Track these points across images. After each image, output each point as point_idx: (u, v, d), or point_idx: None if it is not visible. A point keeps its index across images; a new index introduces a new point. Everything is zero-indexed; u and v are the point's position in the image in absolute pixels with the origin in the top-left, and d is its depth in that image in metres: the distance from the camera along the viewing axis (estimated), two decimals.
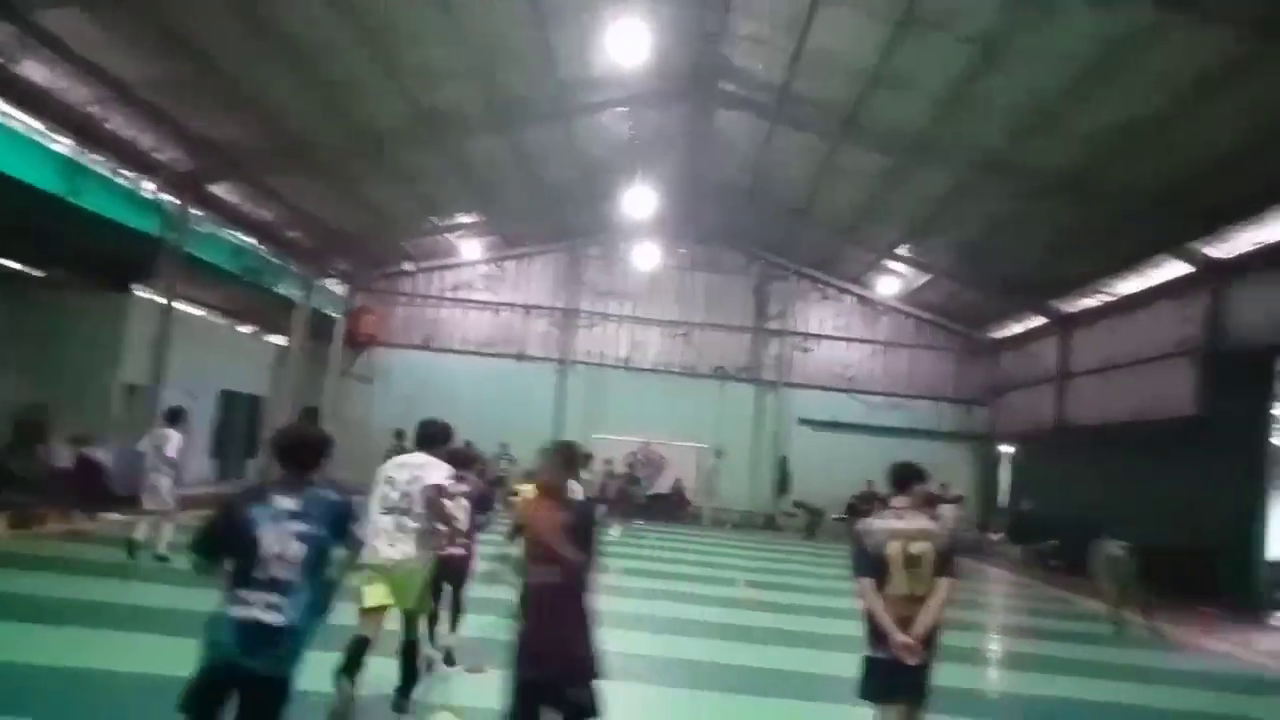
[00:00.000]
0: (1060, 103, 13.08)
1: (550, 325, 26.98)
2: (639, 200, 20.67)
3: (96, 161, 14.45)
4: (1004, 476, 26.32)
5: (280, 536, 3.72)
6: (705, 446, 26.06)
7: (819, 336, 27.47)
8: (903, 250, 22.93)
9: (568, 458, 4.84)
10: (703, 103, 18.04)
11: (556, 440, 5.10)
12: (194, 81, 13.44)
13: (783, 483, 26.84)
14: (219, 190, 17.74)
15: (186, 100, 14.03)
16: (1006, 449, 26.10)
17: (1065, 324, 22.26)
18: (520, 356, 26.74)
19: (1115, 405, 19.64)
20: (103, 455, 15.52)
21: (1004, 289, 22.48)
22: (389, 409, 25.18)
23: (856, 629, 4.99)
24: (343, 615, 4.66)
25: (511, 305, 26.91)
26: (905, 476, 5.13)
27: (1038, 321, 23.66)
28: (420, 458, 6.07)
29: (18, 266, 17.36)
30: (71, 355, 16.90)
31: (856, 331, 27.52)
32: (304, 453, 4.06)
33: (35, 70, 12.35)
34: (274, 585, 3.67)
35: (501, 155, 18.83)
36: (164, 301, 17.14)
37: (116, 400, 17.15)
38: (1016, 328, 25.27)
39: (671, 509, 25.72)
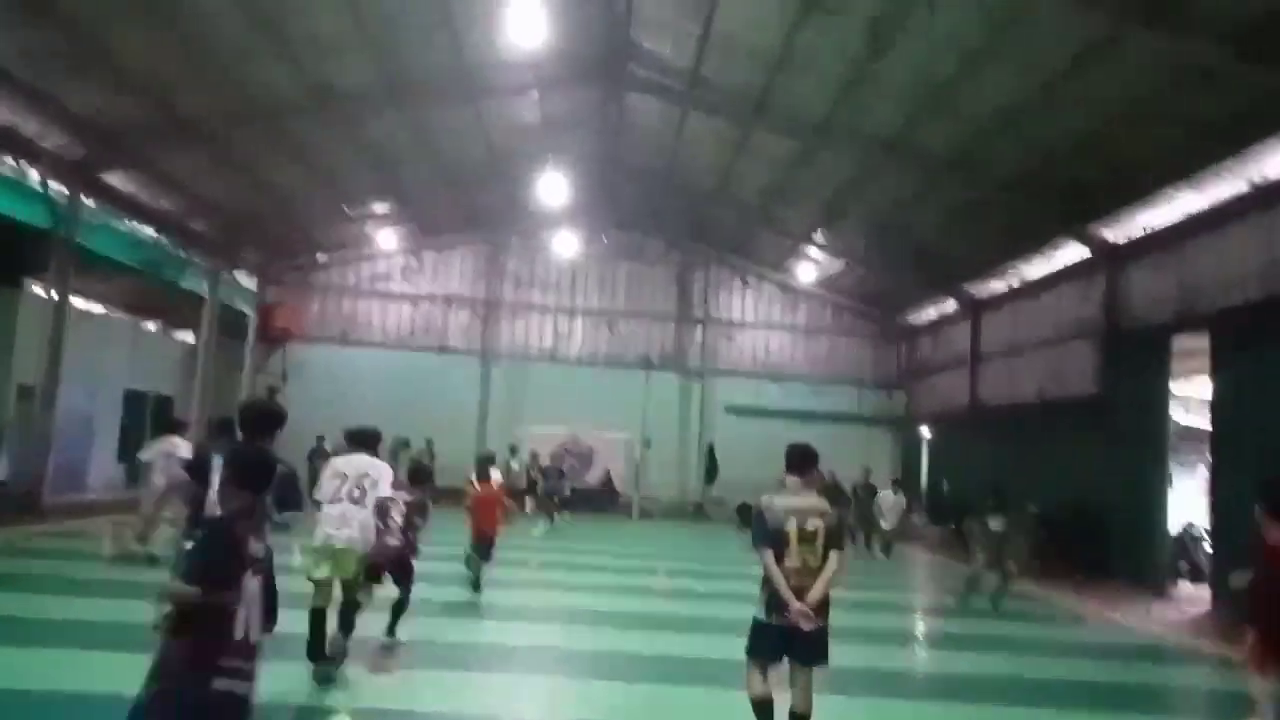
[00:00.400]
0: (951, 84, 13.32)
1: (472, 317, 26.62)
2: (555, 187, 20.56)
3: None
4: (925, 459, 26.87)
5: None
6: (633, 437, 26.00)
7: (741, 324, 27.66)
8: (818, 236, 23.19)
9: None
10: (613, 87, 17.95)
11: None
12: (70, 54, 12.79)
13: (711, 471, 26.94)
14: (113, 179, 16.97)
15: (65, 76, 13.34)
16: (926, 432, 26.65)
17: (976, 308, 22.78)
18: (442, 349, 26.33)
19: (1023, 386, 20.18)
20: None
21: (915, 273, 22.90)
22: (306, 406, 24.53)
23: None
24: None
25: (431, 297, 26.48)
26: (802, 458, 5.51)
27: (951, 306, 24.19)
28: (365, 459, 6.94)
29: None
30: None
31: (777, 318, 27.79)
32: (266, 422, 5.25)
33: None
34: None
35: (405, 137, 18.43)
36: (57, 297, 16.32)
37: (11, 401, 16.33)
38: (932, 312, 25.79)
39: (601, 501, 25.62)
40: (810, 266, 25.52)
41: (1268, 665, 5.24)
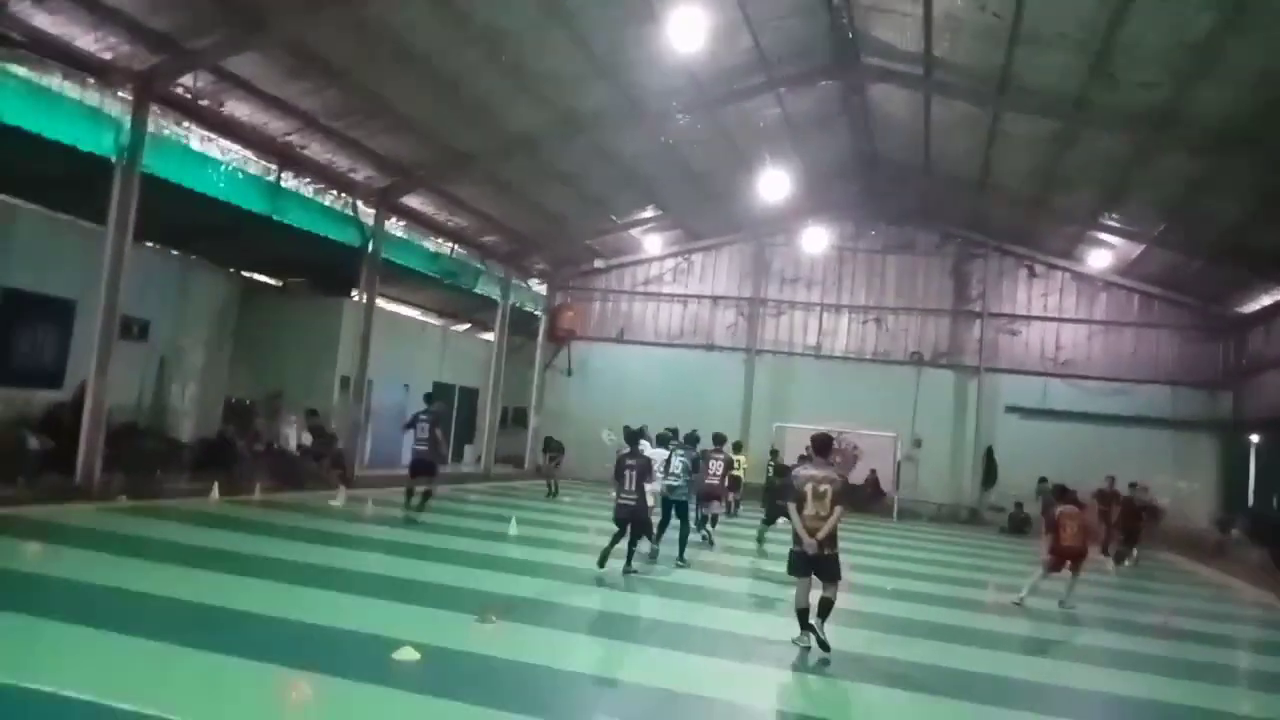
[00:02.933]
0: (1215, 41, 11.55)
1: (738, 315, 27.30)
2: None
3: (299, 182, 16.92)
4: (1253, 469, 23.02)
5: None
6: (900, 436, 25.14)
7: (1027, 317, 25.55)
8: (1109, 219, 20.84)
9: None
10: (851, 79, 17.62)
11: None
12: (362, 108, 15.39)
13: (989, 474, 25.29)
14: (413, 202, 19.95)
15: (361, 125, 16.05)
16: (1255, 438, 22.81)
17: None
18: (709, 347, 27.31)
19: None
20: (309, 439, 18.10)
21: (1233, 256, 19.75)
22: (587, 399, 26.87)
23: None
24: None
25: (699, 297, 27.55)
26: (821, 444, 8.12)
27: None
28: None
29: (260, 278, 20.63)
30: (299, 352, 19.79)
31: (1070, 311, 25.30)
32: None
33: (238, 108, 14.78)
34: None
35: (653, 150, 19.51)
36: (365, 303, 19.49)
37: (335, 390, 19.82)
38: (1266, 300, 22.01)
39: (864, 500, 25.10)
40: (1104, 253, 22.96)
41: None
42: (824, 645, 7.33)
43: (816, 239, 24.12)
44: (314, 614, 7.24)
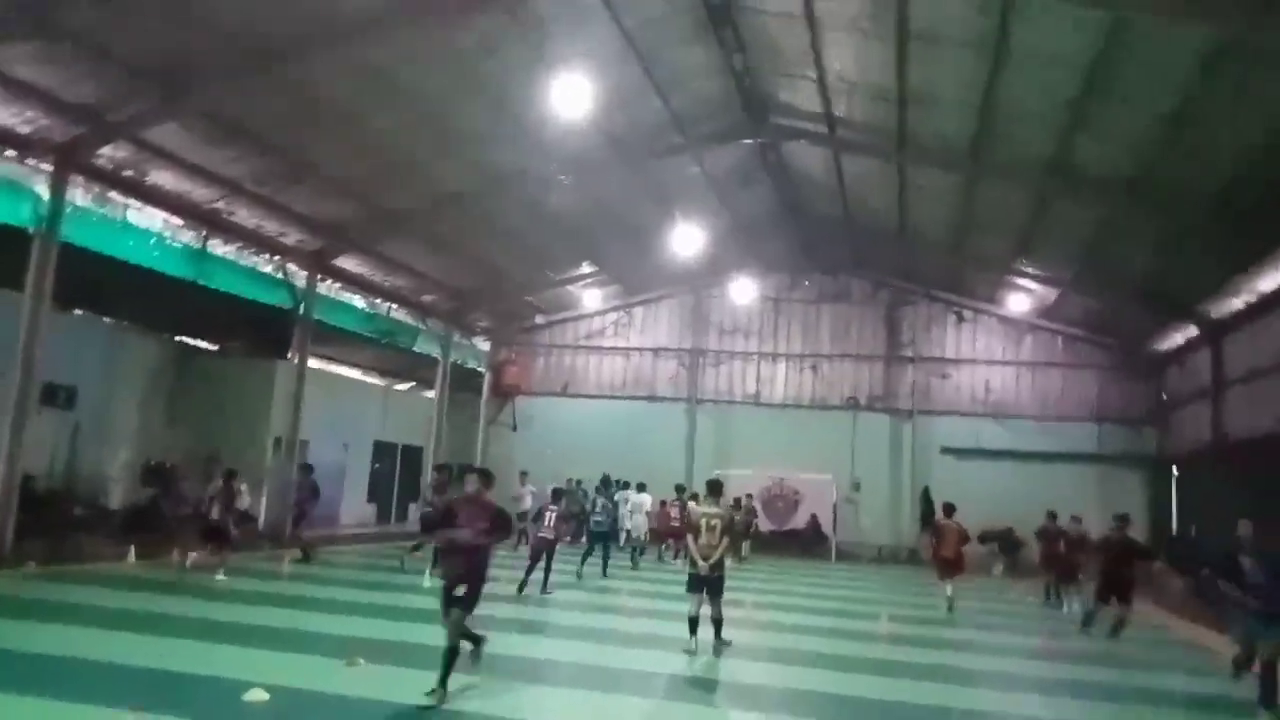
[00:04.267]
0: (1086, 101, 12.37)
1: (679, 366, 27.79)
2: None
3: (230, 247, 17.24)
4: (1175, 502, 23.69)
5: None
6: (839, 480, 25.57)
7: (957, 361, 26.32)
8: (1024, 265, 21.70)
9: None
10: (764, 137, 18.39)
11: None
12: (286, 172, 15.81)
13: (926, 515, 25.71)
14: (347, 263, 20.30)
15: (288, 190, 16.45)
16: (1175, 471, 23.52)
17: (1215, 331, 20.01)
18: (651, 398, 27.72)
19: (1271, 415, 17.42)
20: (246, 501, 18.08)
21: (1142, 297, 20.62)
22: (533, 452, 27.05)
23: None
24: None
25: (640, 349, 28.05)
26: (712, 487, 10.21)
27: (1194, 331, 21.39)
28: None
29: (192, 341, 20.78)
30: (234, 413, 19.87)
31: (997, 354, 26.11)
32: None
33: (162, 177, 15.12)
34: None
35: (586, 206, 20.12)
36: (302, 365, 19.70)
37: (269, 450, 19.87)
38: (1179, 339, 22.90)
39: (807, 544, 25.43)
40: (1024, 297, 23.83)
41: None
42: (719, 646, 9.59)
43: (746, 291, 24.82)
44: (177, 662, 7.40)
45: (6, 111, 12.48)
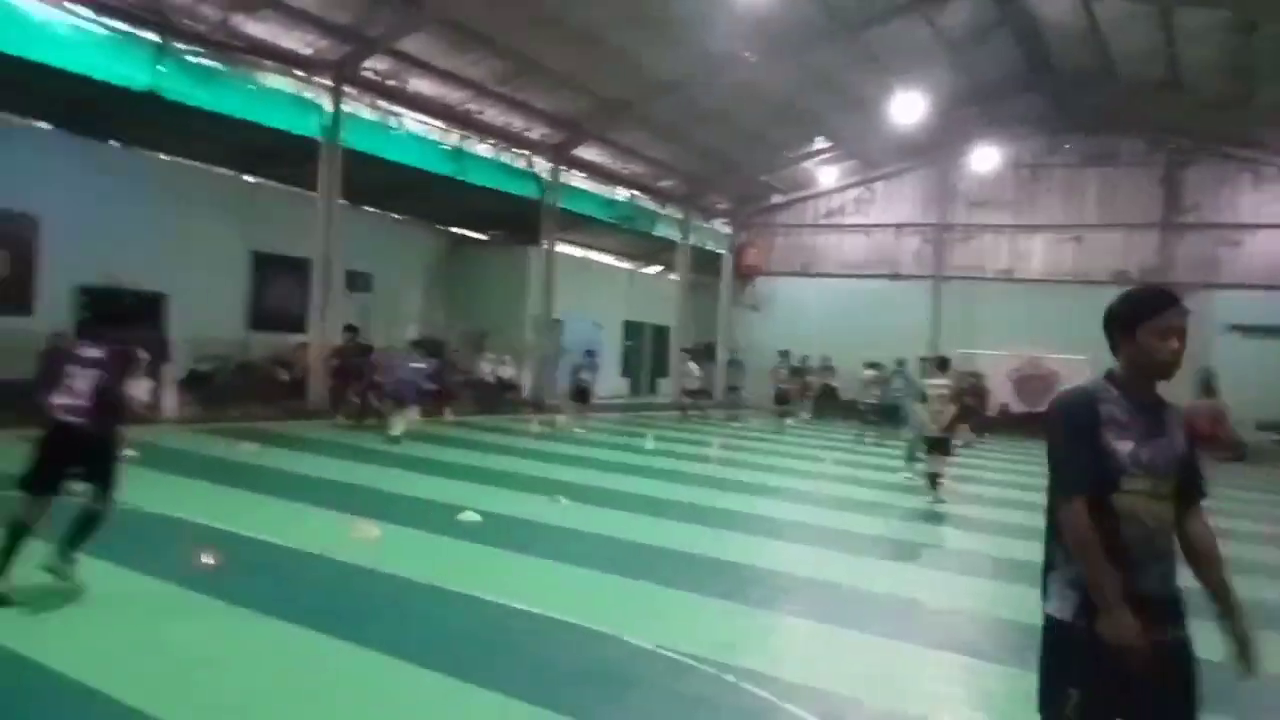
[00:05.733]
0: None
1: (923, 242, 26.84)
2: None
3: (481, 145, 19.17)
4: None
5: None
6: (1097, 360, 23.78)
7: (1252, 226, 23.12)
8: None
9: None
10: None
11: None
12: (523, 71, 17.22)
13: (1207, 398, 23.38)
14: (587, 154, 21.71)
15: (525, 88, 17.91)
16: None
17: None
18: (894, 275, 27.10)
19: None
20: (510, 372, 20.58)
21: None
22: (773, 332, 27.73)
23: None
24: None
25: (883, 225, 27.33)
26: (942, 362, 11.85)
27: None
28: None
29: (461, 231, 23.42)
30: (497, 295, 22.38)
31: None
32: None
33: (421, 85, 17.09)
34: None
35: (809, 82, 19.82)
36: (551, 250, 21.61)
37: (526, 328, 22.25)
38: None
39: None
40: None
41: None
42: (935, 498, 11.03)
43: (989, 158, 23.35)
44: (421, 490, 9.28)
45: (290, 37, 14.75)
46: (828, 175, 26.69)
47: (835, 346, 25.59)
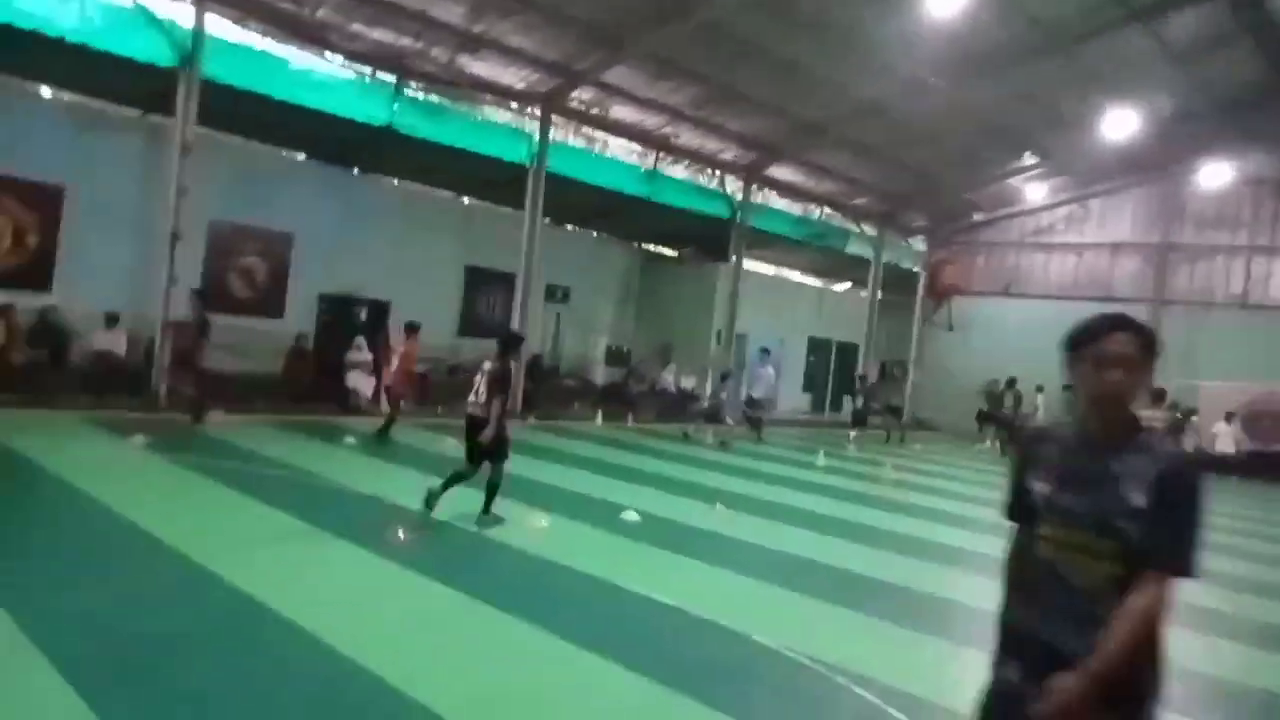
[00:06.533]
0: None
1: (1143, 263, 25.03)
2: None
3: (675, 167, 20.06)
4: None
5: None
6: None
7: None
8: None
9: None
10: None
11: None
12: (719, 98, 17.93)
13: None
14: (779, 173, 22.08)
15: (720, 113, 18.59)
16: None
17: None
18: (1107, 298, 25.38)
19: None
20: (688, 383, 21.30)
21: None
22: (968, 354, 26.78)
23: None
24: None
25: (1097, 245, 25.73)
26: (1159, 394, 12.43)
27: None
28: None
29: (654, 248, 24.44)
30: (685, 310, 23.18)
31: None
32: None
33: (622, 112, 18.18)
34: None
35: (1013, 101, 19.17)
36: (738, 267, 22.15)
37: (711, 342, 22.88)
38: None
39: None
40: None
41: None
42: None
43: (1220, 174, 21.49)
44: (596, 490, 10.05)
45: (507, 74, 16.21)
46: (1036, 192, 25.53)
47: (1035, 373, 24.38)
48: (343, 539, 6.78)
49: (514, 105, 17.10)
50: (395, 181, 19.03)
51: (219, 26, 13.30)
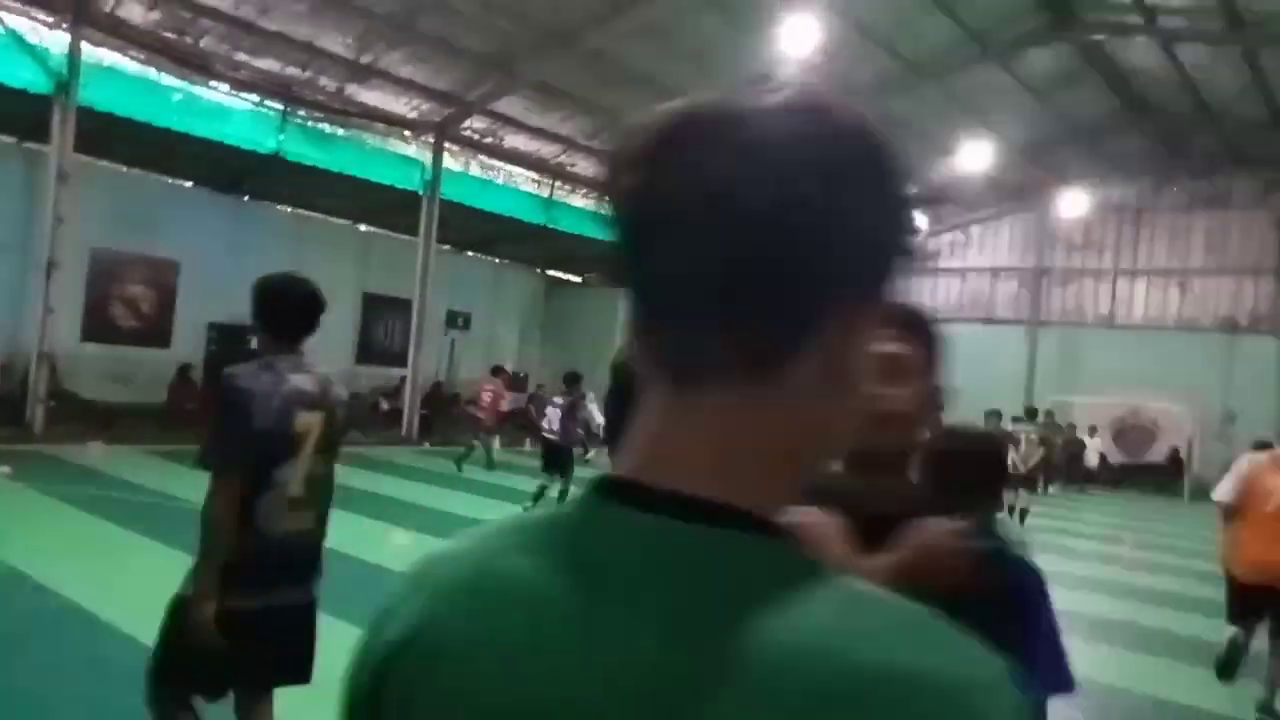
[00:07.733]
0: None
1: (1020, 286, 26.51)
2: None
3: (573, 195, 20.51)
4: None
5: None
6: (1208, 410, 22.94)
7: None
8: None
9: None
10: (1073, 39, 17.07)
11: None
12: (607, 127, 18.41)
13: None
14: None
15: (611, 142, 19.08)
16: None
17: None
18: (988, 320, 26.82)
19: None
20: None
21: None
22: None
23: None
24: None
25: (978, 269, 27.15)
26: (1030, 412, 14.28)
27: None
28: None
29: (560, 274, 24.84)
30: (587, 335, 23.54)
31: None
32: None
33: (516, 141, 18.57)
34: None
35: (891, 130, 20.15)
36: None
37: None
38: None
39: (1164, 479, 23.34)
40: None
41: None
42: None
43: (1078, 203, 23.08)
44: (474, 511, 10.19)
45: (397, 103, 16.46)
46: (919, 220, 26.78)
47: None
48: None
49: (406, 134, 17.33)
50: (288, 209, 19.00)
51: (101, 54, 13.24)
